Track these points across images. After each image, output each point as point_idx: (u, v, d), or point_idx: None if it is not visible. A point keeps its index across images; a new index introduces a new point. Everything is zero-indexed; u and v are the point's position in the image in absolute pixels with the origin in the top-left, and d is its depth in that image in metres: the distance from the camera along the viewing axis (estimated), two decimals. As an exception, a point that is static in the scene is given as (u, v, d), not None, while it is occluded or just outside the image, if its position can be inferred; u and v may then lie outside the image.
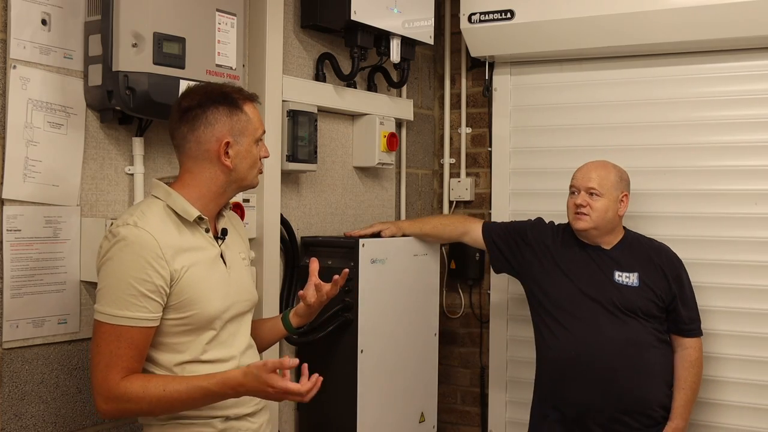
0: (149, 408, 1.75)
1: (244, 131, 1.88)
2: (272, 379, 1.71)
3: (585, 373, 2.63)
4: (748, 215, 2.93)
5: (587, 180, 2.71)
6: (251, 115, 1.89)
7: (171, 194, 1.85)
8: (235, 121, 1.86)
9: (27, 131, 1.97)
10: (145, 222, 1.77)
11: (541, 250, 2.82)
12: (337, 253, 2.68)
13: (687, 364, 2.68)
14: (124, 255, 1.74)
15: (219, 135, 1.85)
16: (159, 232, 1.77)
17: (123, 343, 1.73)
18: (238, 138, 1.87)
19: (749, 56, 2.92)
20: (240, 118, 1.87)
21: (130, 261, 1.73)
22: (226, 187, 1.90)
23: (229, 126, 1.86)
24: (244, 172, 1.90)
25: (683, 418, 2.65)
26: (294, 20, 2.77)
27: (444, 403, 3.47)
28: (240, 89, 1.92)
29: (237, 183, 1.91)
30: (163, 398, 1.73)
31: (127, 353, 1.74)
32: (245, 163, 1.89)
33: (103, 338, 1.75)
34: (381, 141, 3.01)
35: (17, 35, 1.94)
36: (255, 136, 1.90)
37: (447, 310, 3.51)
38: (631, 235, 2.81)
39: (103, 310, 1.75)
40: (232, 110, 1.86)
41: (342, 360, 2.63)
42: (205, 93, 1.87)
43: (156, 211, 1.82)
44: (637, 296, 2.66)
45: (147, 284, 1.74)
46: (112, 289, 1.74)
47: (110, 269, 1.75)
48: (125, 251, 1.74)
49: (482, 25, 3.13)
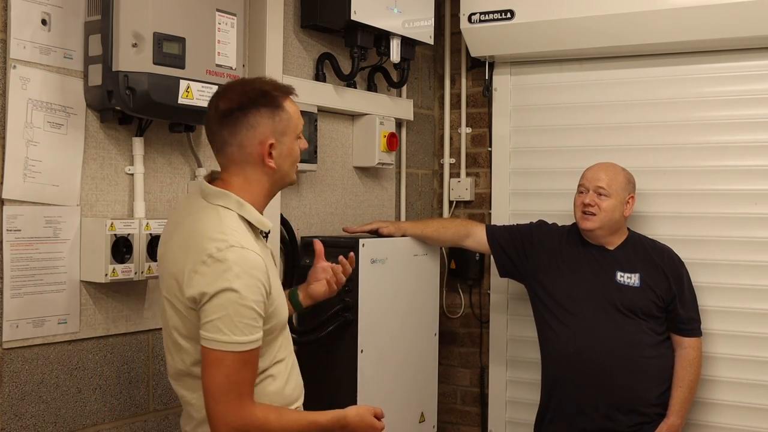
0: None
1: (286, 130, 1.82)
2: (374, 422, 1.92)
3: (582, 371, 2.67)
4: (748, 215, 2.93)
5: (597, 180, 2.72)
6: (291, 112, 1.83)
7: (243, 205, 1.79)
8: (277, 122, 1.80)
9: (27, 131, 1.97)
10: (247, 242, 1.73)
11: (547, 252, 2.83)
12: (337, 253, 2.66)
13: (685, 363, 2.70)
14: (243, 281, 1.67)
15: (262, 138, 1.79)
16: (258, 250, 1.74)
17: (250, 367, 1.71)
18: (281, 138, 1.81)
19: (749, 56, 2.92)
20: (281, 117, 1.81)
21: (249, 286, 1.68)
22: (270, 187, 1.86)
23: (271, 127, 1.79)
24: (286, 171, 1.86)
25: (679, 416, 2.67)
26: (294, 20, 2.77)
27: (444, 403, 3.47)
28: (276, 84, 1.85)
29: (280, 183, 1.87)
30: (278, 427, 1.74)
31: (253, 374, 1.73)
32: (288, 162, 1.85)
33: (232, 368, 1.67)
34: (381, 141, 3.01)
35: (17, 35, 1.94)
36: (296, 133, 1.86)
37: (447, 310, 3.51)
38: (634, 236, 2.83)
39: (228, 339, 1.66)
40: (273, 110, 1.80)
41: (342, 360, 2.63)
42: (244, 93, 1.80)
43: (238, 226, 1.76)
44: (638, 297, 2.68)
45: (261, 304, 1.72)
46: (236, 317, 1.67)
47: (231, 297, 1.66)
48: (243, 277, 1.68)
49: (482, 25, 3.13)
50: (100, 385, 2.17)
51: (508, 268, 2.93)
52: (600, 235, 2.75)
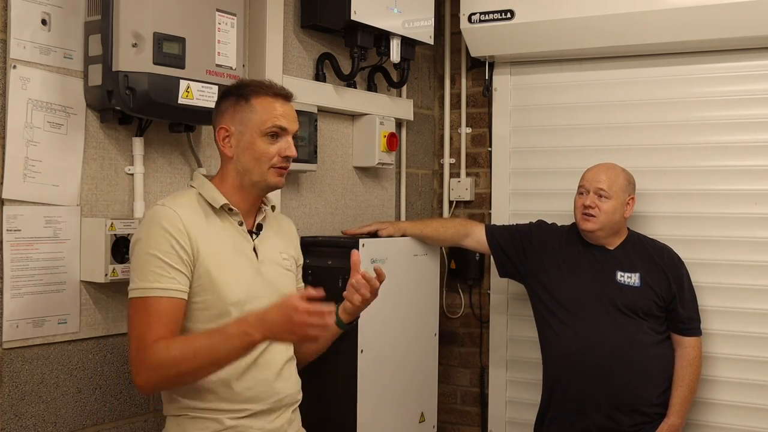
0: (177, 367, 1.72)
1: (247, 122, 1.89)
2: (296, 299, 1.66)
3: (583, 371, 2.67)
4: (747, 215, 2.93)
5: (597, 181, 2.72)
6: (258, 108, 1.89)
7: (205, 184, 1.93)
8: (237, 111, 1.90)
9: (27, 131, 1.97)
10: (173, 203, 1.84)
11: (546, 251, 2.83)
12: (337, 253, 2.68)
13: (685, 362, 2.70)
14: (149, 230, 1.81)
15: (221, 123, 1.92)
16: (185, 212, 1.83)
17: (153, 315, 1.76)
18: (240, 128, 1.89)
19: (749, 56, 2.92)
20: (244, 108, 1.89)
21: (155, 235, 1.79)
22: (240, 182, 1.92)
23: (230, 115, 1.91)
24: (247, 165, 1.90)
25: (680, 416, 2.67)
26: (294, 20, 2.77)
27: (444, 403, 3.47)
28: (262, 84, 1.94)
29: (247, 177, 1.91)
30: (187, 352, 1.72)
31: (158, 323, 1.76)
32: (248, 155, 1.90)
33: (134, 314, 1.79)
34: (381, 141, 3.01)
35: (17, 35, 1.94)
36: (261, 129, 1.89)
37: (447, 310, 3.51)
38: (634, 235, 2.83)
39: (133, 286, 1.80)
40: (237, 100, 1.90)
41: (342, 360, 2.62)
42: (229, 85, 1.98)
43: (188, 197, 1.90)
44: (638, 296, 2.68)
45: (172, 256, 1.78)
46: (140, 266, 1.79)
47: (138, 247, 1.81)
48: (150, 227, 1.81)
49: (482, 25, 3.13)
50: (100, 385, 2.17)
51: (507, 268, 2.93)
52: (600, 236, 2.76)
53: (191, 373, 1.75)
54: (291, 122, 1.93)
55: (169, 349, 1.73)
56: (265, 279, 1.94)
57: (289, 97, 1.95)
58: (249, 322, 1.71)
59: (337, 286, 2.61)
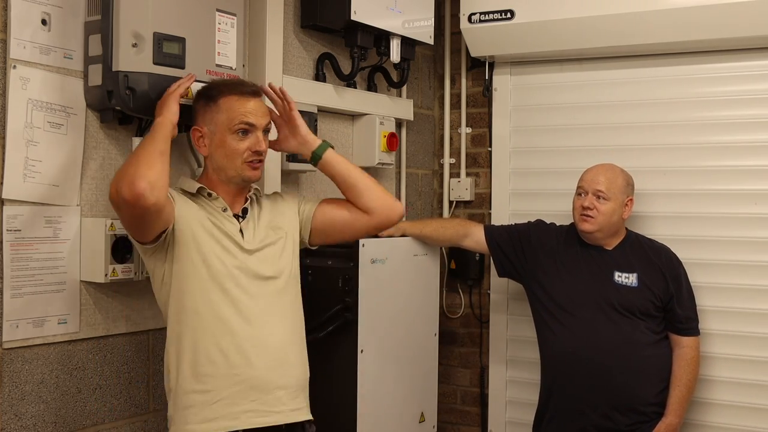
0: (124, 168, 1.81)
1: (216, 121, 1.99)
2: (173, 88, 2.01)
3: (581, 371, 2.68)
4: (747, 215, 2.93)
5: (596, 183, 2.72)
6: (224, 106, 1.98)
7: (186, 180, 2.06)
8: (207, 111, 2.00)
9: (27, 131, 1.97)
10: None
11: (545, 251, 2.84)
12: (337, 253, 2.68)
13: (683, 362, 2.70)
14: None
15: (195, 124, 2.03)
16: (175, 193, 1.96)
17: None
18: (211, 127, 2.00)
19: (749, 56, 2.92)
20: (212, 109, 1.99)
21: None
22: (218, 175, 2.03)
23: (202, 116, 2.01)
24: (221, 162, 2.01)
25: (677, 415, 2.67)
26: (294, 20, 2.77)
27: (444, 403, 3.47)
28: (228, 84, 2.04)
29: (223, 173, 2.02)
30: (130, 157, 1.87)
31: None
32: (220, 153, 2.00)
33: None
34: (381, 141, 3.01)
35: (17, 35, 1.94)
36: (229, 127, 1.98)
37: (447, 310, 3.51)
38: (632, 236, 2.84)
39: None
40: (207, 102, 2.00)
41: (342, 360, 2.62)
42: (200, 88, 2.06)
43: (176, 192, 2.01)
44: (636, 296, 2.69)
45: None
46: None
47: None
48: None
49: (482, 25, 3.13)
50: (100, 385, 2.17)
51: (506, 268, 2.93)
52: (598, 237, 2.76)
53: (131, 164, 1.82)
54: (259, 118, 2.01)
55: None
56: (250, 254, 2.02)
57: (257, 93, 2.04)
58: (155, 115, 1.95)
59: (337, 286, 2.62)
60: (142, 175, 1.75)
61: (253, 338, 1.96)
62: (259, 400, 1.95)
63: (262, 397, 1.95)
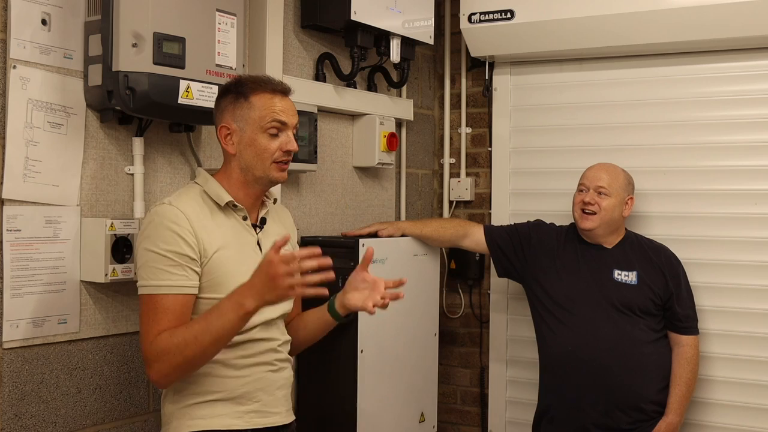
0: (182, 353, 1.75)
1: (247, 118, 1.91)
2: (269, 254, 1.71)
3: (580, 369, 2.68)
4: (748, 215, 2.93)
5: (597, 179, 2.73)
6: (257, 105, 1.91)
7: (209, 180, 1.95)
8: (237, 108, 1.92)
9: (27, 131, 1.97)
10: (178, 202, 1.86)
11: (544, 251, 2.84)
12: (337, 253, 2.67)
13: (683, 361, 2.71)
14: (156, 230, 1.83)
15: (223, 121, 1.94)
16: (191, 210, 1.85)
17: (160, 312, 1.79)
18: (242, 125, 1.92)
19: (749, 56, 2.92)
20: (243, 105, 1.91)
21: (162, 234, 1.81)
22: (244, 177, 1.96)
23: (231, 113, 1.93)
24: (250, 161, 1.93)
25: (677, 414, 2.68)
26: (294, 20, 2.77)
27: (444, 403, 3.47)
28: (258, 77, 1.96)
29: (250, 173, 1.94)
30: (188, 336, 1.75)
31: (164, 319, 1.79)
32: (249, 152, 1.92)
33: (144, 310, 1.83)
34: (381, 141, 3.01)
35: (17, 35, 1.94)
36: (261, 125, 1.91)
37: (447, 310, 3.51)
38: (632, 235, 2.84)
39: (142, 283, 1.83)
40: (236, 97, 1.92)
41: (342, 360, 2.63)
42: (227, 83, 1.98)
43: (192, 195, 1.92)
44: (635, 294, 2.69)
45: (180, 255, 1.81)
46: (149, 263, 1.81)
47: (146, 245, 1.83)
48: (157, 226, 1.83)
49: (482, 25, 3.13)
50: (100, 385, 2.17)
51: (506, 268, 2.93)
52: (598, 234, 2.76)
53: (197, 355, 1.78)
54: (290, 116, 1.95)
55: (172, 338, 1.77)
56: None
57: (287, 91, 1.98)
58: (239, 292, 1.76)
59: (338, 286, 2.62)
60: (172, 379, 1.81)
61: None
62: (263, 401, 1.95)
63: (266, 398, 1.95)
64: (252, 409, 1.92)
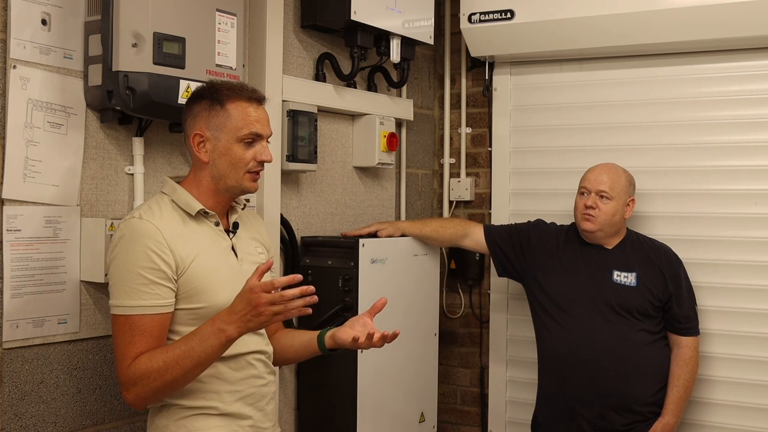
0: (162, 377, 1.73)
1: (222, 127, 1.87)
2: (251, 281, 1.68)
3: (577, 370, 2.69)
4: (747, 215, 2.93)
5: (599, 183, 2.73)
6: (234, 113, 1.86)
7: (176, 189, 1.90)
8: (213, 116, 1.87)
9: (27, 131, 1.97)
10: (150, 215, 1.82)
11: (544, 251, 2.84)
12: (337, 253, 2.68)
13: (681, 362, 2.71)
14: (129, 246, 1.77)
15: (196, 129, 1.88)
16: (163, 223, 1.81)
17: (137, 333, 1.75)
18: (216, 133, 1.87)
19: (749, 56, 2.92)
20: (219, 113, 1.86)
21: (135, 251, 1.77)
22: (215, 186, 1.91)
23: (205, 120, 1.87)
24: (223, 170, 1.89)
25: (674, 415, 2.68)
26: (294, 20, 2.77)
27: (444, 403, 3.47)
28: (234, 84, 1.91)
29: (222, 181, 1.90)
30: (169, 360, 1.73)
31: (141, 341, 1.76)
32: (224, 161, 1.88)
33: (118, 330, 1.78)
34: (381, 141, 3.01)
35: (17, 35, 1.94)
36: (237, 135, 1.86)
37: (447, 310, 3.51)
38: (633, 235, 2.84)
39: (116, 303, 1.78)
40: (212, 105, 1.87)
41: (342, 360, 2.63)
42: (200, 87, 1.93)
43: (162, 205, 1.87)
44: (634, 296, 2.69)
45: (155, 272, 1.76)
46: (122, 282, 1.77)
47: (118, 263, 1.79)
48: (130, 243, 1.77)
49: (482, 25, 3.13)
50: (100, 385, 2.17)
51: (506, 268, 2.93)
52: (599, 236, 2.76)
53: (177, 379, 1.75)
54: (265, 127, 1.92)
55: (151, 361, 1.74)
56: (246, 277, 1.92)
57: (262, 100, 1.93)
58: (221, 318, 1.74)
59: (337, 286, 2.62)
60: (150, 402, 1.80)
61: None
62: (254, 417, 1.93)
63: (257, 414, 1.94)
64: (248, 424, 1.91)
